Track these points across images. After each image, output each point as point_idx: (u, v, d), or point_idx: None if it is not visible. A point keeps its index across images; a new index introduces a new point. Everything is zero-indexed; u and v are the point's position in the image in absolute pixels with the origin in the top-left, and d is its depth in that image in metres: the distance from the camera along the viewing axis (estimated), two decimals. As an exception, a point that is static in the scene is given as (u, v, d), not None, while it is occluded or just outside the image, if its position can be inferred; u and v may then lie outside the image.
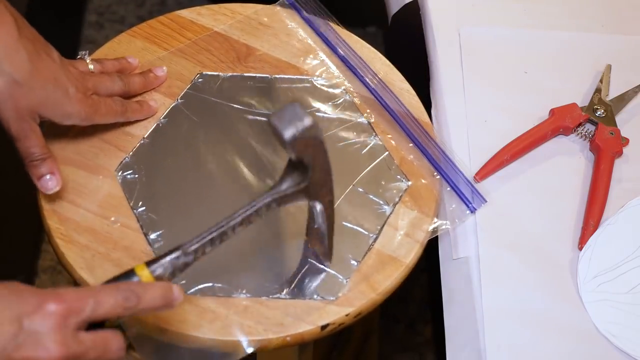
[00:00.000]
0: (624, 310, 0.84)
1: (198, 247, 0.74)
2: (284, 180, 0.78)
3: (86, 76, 0.88)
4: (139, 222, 0.85)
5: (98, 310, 0.64)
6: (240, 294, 0.82)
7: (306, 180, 0.78)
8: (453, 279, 0.88)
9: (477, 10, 1.06)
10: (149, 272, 0.71)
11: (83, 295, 0.65)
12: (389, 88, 0.97)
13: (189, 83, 0.96)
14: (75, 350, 0.63)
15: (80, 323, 0.64)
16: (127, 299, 0.66)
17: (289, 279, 0.83)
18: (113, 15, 2.03)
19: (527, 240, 0.88)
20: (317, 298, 0.82)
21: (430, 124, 0.96)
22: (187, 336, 0.79)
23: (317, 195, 0.80)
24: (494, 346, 0.81)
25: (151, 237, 0.84)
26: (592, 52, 1.03)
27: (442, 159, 0.92)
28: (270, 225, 0.88)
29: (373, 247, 0.86)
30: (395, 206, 0.89)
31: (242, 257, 0.85)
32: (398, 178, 0.91)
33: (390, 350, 1.58)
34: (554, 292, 0.85)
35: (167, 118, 0.93)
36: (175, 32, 1.00)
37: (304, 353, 0.93)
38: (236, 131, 0.94)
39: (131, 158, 0.90)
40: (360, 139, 0.94)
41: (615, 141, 0.94)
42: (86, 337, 0.64)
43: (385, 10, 1.15)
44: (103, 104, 0.87)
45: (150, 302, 0.67)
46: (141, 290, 0.67)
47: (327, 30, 1.02)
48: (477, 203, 0.89)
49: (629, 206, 0.90)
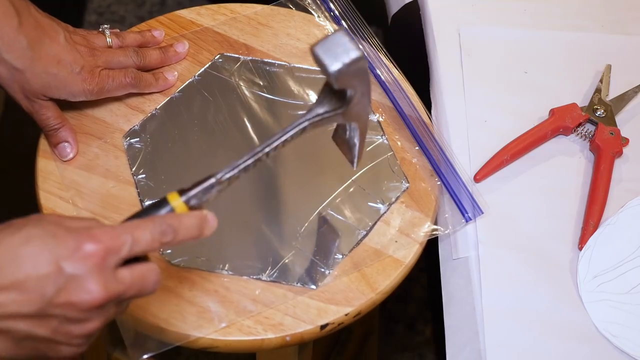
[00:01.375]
0: (624, 310, 0.84)
1: (233, 175, 0.70)
2: (320, 103, 0.74)
3: (97, 52, 0.89)
4: (137, 188, 0.87)
5: (135, 248, 0.63)
6: (222, 270, 0.82)
7: (344, 106, 0.74)
8: (453, 279, 0.88)
9: (477, 10, 1.06)
10: (182, 203, 0.67)
11: (119, 233, 0.63)
12: (403, 89, 0.97)
13: (205, 65, 0.97)
14: (116, 289, 0.62)
15: (118, 262, 0.63)
16: (164, 233, 0.64)
17: (273, 262, 0.84)
18: (113, 15, 2.03)
19: (527, 240, 0.88)
20: (297, 285, 0.83)
21: (430, 124, 0.96)
22: (187, 336, 0.79)
23: (354, 118, 0.77)
24: (494, 346, 0.81)
25: (146, 204, 0.84)
26: (592, 52, 1.03)
27: (445, 165, 0.92)
28: (263, 207, 0.89)
29: (368, 244, 0.86)
30: (391, 206, 0.89)
31: (231, 234, 0.86)
32: (399, 179, 0.91)
33: (390, 350, 1.58)
34: (554, 292, 0.85)
35: (181, 93, 0.95)
36: (175, 32, 1.00)
37: (303, 353, 0.93)
38: (247, 111, 0.95)
39: (140, 127, 0.91)
40: (368, 136, 0.94)
41: (615, 141, 0.94)
42: (125, 275, 0.63)
43: (385, 10, 1.15)
44: (111, 79, 0.88)
45: (187, 234, 0.66)
46: (177, 223, 0.65)
47: (351, 26, 1.02)
48: (473, 213, 0.89)
49: (629, 206, 0.90)
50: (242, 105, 0.95)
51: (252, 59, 0.99)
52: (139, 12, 2.04)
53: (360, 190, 0.90)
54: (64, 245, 0.61)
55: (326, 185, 0.90)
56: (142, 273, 0.64)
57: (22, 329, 0.61)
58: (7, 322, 0.60)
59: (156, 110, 0.93)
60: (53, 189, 0.87)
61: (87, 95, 0.88)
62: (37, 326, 0.61)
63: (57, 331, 0.62)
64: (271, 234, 0.87)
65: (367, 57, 0.98)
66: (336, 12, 1.02)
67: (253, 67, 0.98)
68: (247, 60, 0.98)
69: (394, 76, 0.98)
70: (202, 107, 0.94)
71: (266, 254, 0.85)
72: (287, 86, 0.97)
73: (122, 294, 0.63)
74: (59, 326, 0.62)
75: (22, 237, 0.61)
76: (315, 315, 0.81)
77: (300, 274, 0.84)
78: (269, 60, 0.99)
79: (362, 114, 0.77)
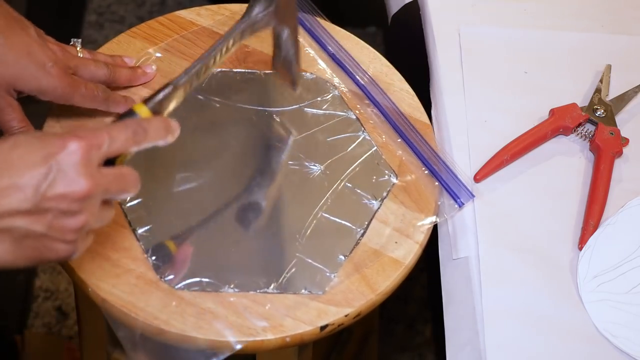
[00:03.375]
0: (624, 310, 0.84)
1: (186, 79, 0.78)
2: (253, 6, 0.84)
3: (68, 55, 0.88)
4: (127, 218, 0.86)
5: (113, 145, 0.69)
6: (229, 289, 0.82)
7: (274, 3, 0.83)
8: (453, 279, 0.88)
9: (477, 10, 1.06)
10: (147, 109, 0.75)
11: (99, 132, 0.68)
12: (378, 84, 0.98)
13: None
14: (101, 181, 0.67)
15: (100, 158, 0.68)
16: (136, 132, 0.70)
17: (277, 274, 0.84)
18: (113, 15, 2.03)
19: (527, 240, 0.88)
20: (305, 292, 0.82)
21: (429, 125, 0.96)
22: (187, 337, 0.79)
23: (284, 19, 0.85)
24: (494, 346, 0.81)
25: (139, 233, 0.85)
26: (592, 52, 1.03)
27: (430, 155, 0.92)
28: (257, 221, 0.89)
29: (367, 245, 0.86)
30: (384, 201, 0.89)
31: (230, 252, 0.86)
32: (386, 173, 0.91)
33: (390, 350, 1.58)
34: (554, 292, 0.85)
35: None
36: (175, 32, 1.00)
37: (303, 353, 0.93)
38: (225, 127, 0.94)
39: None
40: (348, 134, 0.94)
41: (615, 141, 0.94)
42: (108, 171, 0.68)
43: (385, 10, 1.15)
44: (84, 86, 0.87)
45: (155, 134, 0.72)
46: (146, 124, 0.72)
47: (315, 27, 1.02)
48: (465, 198, 0.89)
49: (629, 206, 0.90)
50: (220, 121, 0.94)
51: (221, 70, 0.97)
52: (139, 12, 2.04)
53: (350, 190, 0.90)
54: (51, 144, 0.66)
55: (316, 191, 0.90)
56: (122, 172, 0.70)
57: (20, 225, 0.65)
58: (6, 220, 0.65)
59: None
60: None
61: (56, 93, 0.85)
62: (34, 222, 0.65)
63: (52, 226, 0.66)
64: (272, 247, 0.87)
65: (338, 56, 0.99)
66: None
67: (223, 80, 0.97)
68: (216, 74, 0.97)
69: (369, 75, 0.98)
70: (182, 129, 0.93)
71: (270, 267, 0.85)
72: (259, 93, 0.96)
73: (107, 187, 0.68)
74: (53, 220, 0.66)
75: (10, 143, 0.66)
76: (315, 316, 0.81)
77: (305, 281, 0.83)
78: (238, 70, 0.98)
79: (290, 14, 0.86)
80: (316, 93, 0.97)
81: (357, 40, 1.02)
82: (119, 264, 0.83)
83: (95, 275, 0.82)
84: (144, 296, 0.81)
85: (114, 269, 0.82)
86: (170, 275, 0.82)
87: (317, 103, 0.96)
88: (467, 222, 0.89)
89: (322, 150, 0.92)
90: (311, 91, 0.97)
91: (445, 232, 0.90)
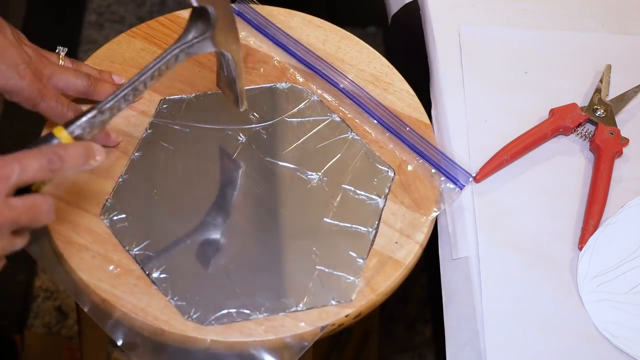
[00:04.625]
0: (624, 310, 0.84)
1: (113, 104, 0.75)
2: (189, 30, 0.80)
3: (45, 61, 0.86)
4: (138, 263, 0.83)
5: (24, 175, 0.66)
6: (259, 315, 0.80)
7: (211, 28, 0.80)
8: (453, 279, 0.88)
9: (477, 10, 1.06)
10: (67, 134, 0.72)
11: (8, 161, 0.66)
12: (351, 79, 0.97)
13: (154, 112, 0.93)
14: (9, 216, 0.65)
15: (9, 189, 0.65)
16: (51, 160, 0.67)
17: (303, 290, 0.82)
18: (113, 15, 2.03)
19: (527, 240, 0.88)
20: (334, 303, 0.82)
21: (429, 125, 0.96)
22: (187, 337, 0.79)
23: (223, 44, 0.82)
24: (494, 346, 0.81)
25: (154, 276, 0.82)
26: (592, 52, 1.03)
27: (422, 143, 0.92)
28: (272, 243, 0.86)
29: (374, 245, 0.86)
30: (387, 198, 0.89)
31: (250, 278, 0.83)
32: (383, 169, 0.91)
33: (390, 350, 1.58)
34: (553, 292, 0.85)
35: (140, 152, 0.90)
36: (175, 32, 1.00)
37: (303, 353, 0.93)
38: (214, 152, 0.92)
39: (113, 199, 0.86)
40: (337, 137, 0.94)
41: (615, 141, 0.94)
42: (17, 203, 0.66)
43: (385, 10, 1.15)
44: (54, 99, 0.85)
45: (73, 161, 0.69)
46: (63, 151, 0.68)
47: (278, 33, 1.00)
48: (464, 179, 0.90)
49: (629, 206, 0.90)
50: (207, 147, 0.91)
51: (196, 95, 0.94)
52: (139, 12, 2.04)
53: (353, 192, 0.89)
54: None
55: (319, 200, 0.88)
56: (33, 201, 0.67)
57: None
58: None
59: (122, 177, 0.87)
60: (53, 190, 0.86)
61: (23, 95, 0.83)
62: None
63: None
64: (291, 265, 0.85)
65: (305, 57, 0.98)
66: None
67: (200, 104, 0.94)
68: (192, 99, 0.94)
69: (351, 79, 0.98)
70: (167, 161, 0.90)
71: (293, 285, 0.83)
72: (238, 112, 0.91)
73: (15, 220, 0.65)
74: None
75: None
76: (315, 316, 0.81)
77: (332, 292, 0.82)
78: (212, 92, 0.94)
79: (230, 36, 0.82)
80: (295, 102, 0.96)
81: (357, 40, 1.02)
82: (120, 265, 0.83)
83: (95, 275, 0.82)
84: (144, 296, 0.81)
85: (116, 271, 0.82)
86: (197, 313, 0.80)
87: (298, 112, 0.95)
88: (467, 222, 0.89)
89: (316, 158, 0.91)
90: (290, 100, 0.96)
91: (445, 232, 0.90)
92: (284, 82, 0.97)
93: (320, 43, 1.01)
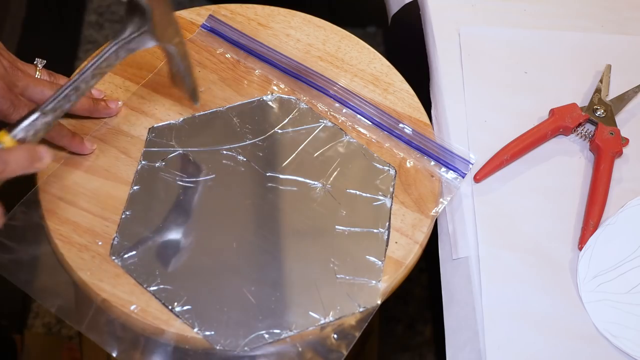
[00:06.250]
0: (624, 310, 0.84)
1: (55, 105, 0.75)
2: (126, 26, 0.80)
3: (18, 73, 0.84)
4: (159, 299, 0.81)
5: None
6: (289, 332, 0.80)
7: (147, 23, 0.79)
8: (453, 279, 0.88)
9: (477, 10, 1.06)
10: (10, 138, 0.72)
11: None
12: (334, 81, 0.97)
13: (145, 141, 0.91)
14: None
15: None
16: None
17: (328, 301, 0.82)
18: (113, 15, 2.03)
19: (527, 240, 0.88)
20: (361, 310, 0.82)
21: (429, 125, 0.96)
22: (187, 337, 0.79)
23: (164, 37, 0.81)
24: (494, 346, 0.81)
25: (177, 310, 0.80)
26: (592, 52, 1.03)
27: (416, 137, 0.93)
28: (291, 256, 0.85)
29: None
30: (393, 196, 0.89)
31: (276, 296, 0.82)
32: (384, 168, 0.91)
33: (390, 350, 1.58)
34: (553, 292, 0.85)
35: (138, 185, 0.87)
36: (175, 32, 1.00)
37: (304, 353, 0.93)
38: (214, 175, 0.89)
39: (120, 237, 0.84)
40: (333, 142, 0.93)
41: (615, 141, 0.94)
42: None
43: (385, 10, 1.15)
44: (28, 109, 0.80)
45: (17, 165, 0.69)
46: (5, 155, 0.69)
47: (256, 46, 0.99)
48: (464, 167, 0.90)
49: (629, 206, 0.90)
50: (206, 171, 0.90)
51: (184, 119, 0.92)
52: (139, 12, 2.04)
53: (359, 195, 0.89)
54: None
55: (328, 208, 0.88)
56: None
57: None
58: None
59: (125, 214, 0.85)
60: (54, 190, 0.87)
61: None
62: None
63: None
64: (314, 278, 0.84)
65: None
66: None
67: (189, 127, 0.92)
68: (180, 124, 0.92)
69: (319, 73, 0.97)
70: (168, 191, 0.88)
71: (319, 299, 0.82)
72: (231, 130, 0.92)
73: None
74: None
75: None
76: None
77: (358, 299, 0.82)
78: (200, 113, 0.93)
79: (171, 32, 0.82)
80: (285, 112, 0.95)
81: (357, 40, 1.03)
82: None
83: (96, 275, 0.82)
84: (144, 296, 0.81)
85: (114, 269, 0.82)
86: (228, 340, 0.79)
87: (290, 122, 0.94)
88: (467, 222, 0.89)
89: (316, 166, 0.91)
90: (280, 112, 0.95)
91: (445, 232, 0.90)
92: (269, 94, 0.96)
93: (320, 43, 1.01)
